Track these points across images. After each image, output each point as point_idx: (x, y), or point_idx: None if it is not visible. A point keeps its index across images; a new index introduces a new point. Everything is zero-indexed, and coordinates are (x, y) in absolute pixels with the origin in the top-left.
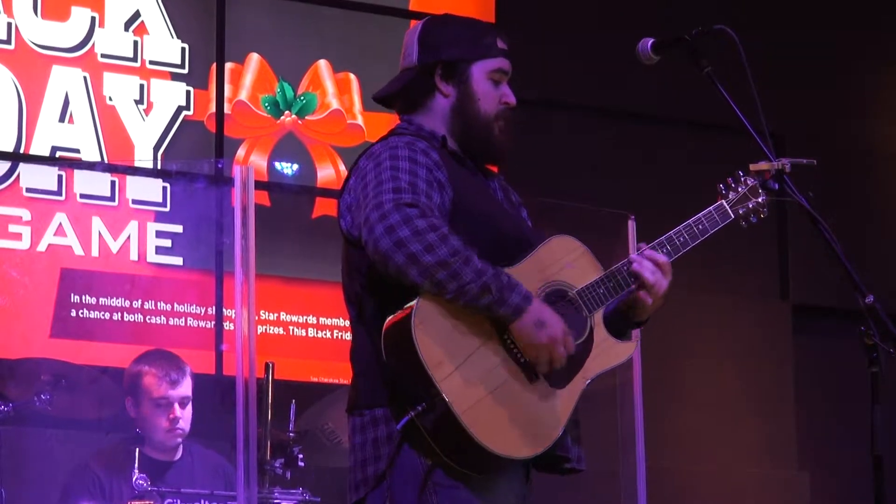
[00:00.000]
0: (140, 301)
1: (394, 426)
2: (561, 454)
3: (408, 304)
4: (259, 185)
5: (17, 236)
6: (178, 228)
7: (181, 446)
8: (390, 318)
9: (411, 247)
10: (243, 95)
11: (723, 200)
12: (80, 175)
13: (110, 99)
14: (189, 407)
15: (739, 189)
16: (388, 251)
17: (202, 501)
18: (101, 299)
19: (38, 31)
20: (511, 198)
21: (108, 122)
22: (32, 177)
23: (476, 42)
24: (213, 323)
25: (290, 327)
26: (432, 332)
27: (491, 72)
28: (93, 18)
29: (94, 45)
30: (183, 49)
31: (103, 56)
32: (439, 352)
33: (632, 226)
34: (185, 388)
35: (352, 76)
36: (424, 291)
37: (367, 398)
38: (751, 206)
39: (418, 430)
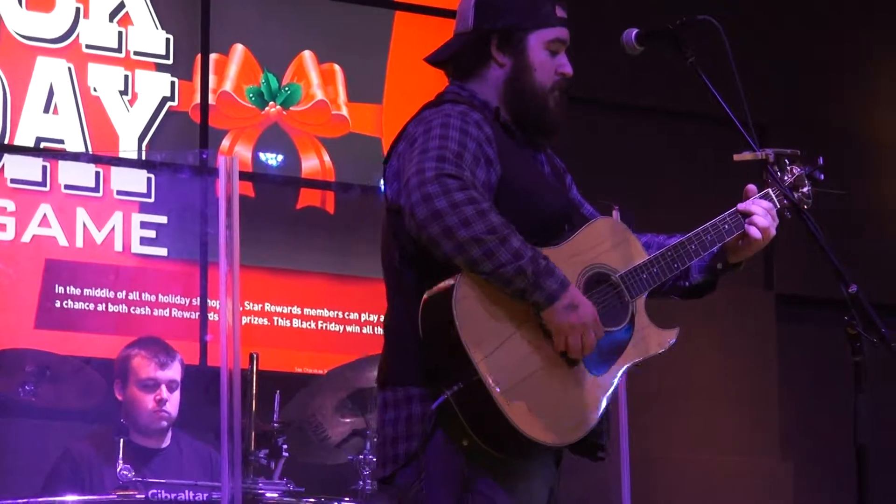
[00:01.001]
0: (125, 292)
1: (428, 405)
2: (598, 441)
3: (449, 279)
4: (244, 176)
5: (2, 227)
6: (163, 219)
7: (170, 434)
8: (429, 291)
9: (447, 219)
10: (228, 86)
11: (769, 189)
12: (64, 166)
13: (95, 90)
14: (177, 393)
15: (786, 178)
16: (424, 221)
17: (187, 492)
18: (85, 290)
19: (23, 22)
20: (556, 164)
21: (92, 112)
22: (17, 167)
23: (534, 10)
24: (197, 313)
25: (275, 318)
26: (473, 310)
27: (549, 42)
28: (77, 9)
29: (78, 35)
30: (167, 40)
31: (88, 47)
32: (479, 331)
33: (616, 216)
34: (174, 372)
35: (336, 67)
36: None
37: (402, 374)
38: (796, 196)
39: (452, 410)
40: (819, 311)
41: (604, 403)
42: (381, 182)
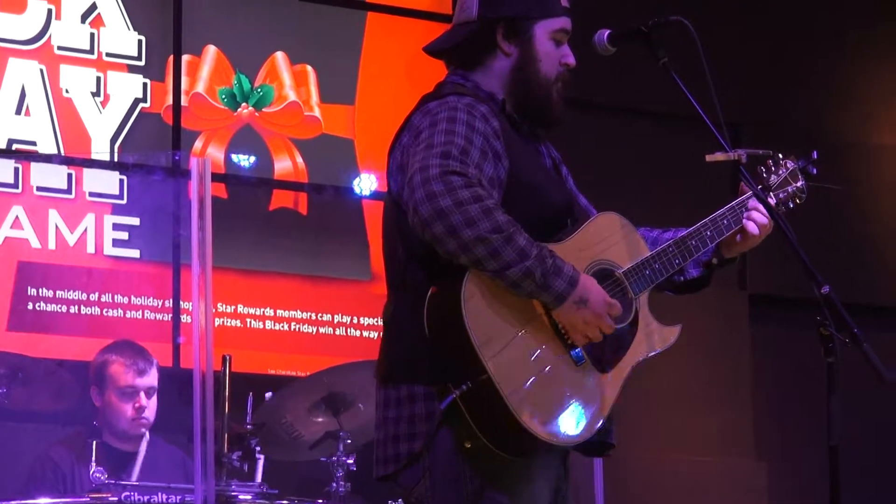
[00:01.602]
0: (97, 294)
1: (432, 405)
2: (607, 441)
3: (457, 276)
4: (216, 178)
5: None
6: (135, 221)
7: (145, 439)
8: (436, 288)
9: (452, 218)
10: (200, 88)
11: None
12: (36, 168)
13: (67, 91)
14: (154, 398)
15: (780, 172)
16: (428, 219)
17: (160, 494)
18: (58, 292)
19: None
20: (553, 155)
21: (64, 114)
22: None
23: None
24: (170, 315)
25: (248, 320)
26: (481, 309)
27: (554, 31)
28: (49, 11)
29: (50, 37)
30: (140, 41)
31: (60, 48)
32: (487, 329)
33: None
34: (152, 378)
35: (309, 68)
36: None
37: (405, 372)
38: (790, 190)
39: (458, 409)
40: (792, 312)
41: (612, 401)
42: (357, 184)
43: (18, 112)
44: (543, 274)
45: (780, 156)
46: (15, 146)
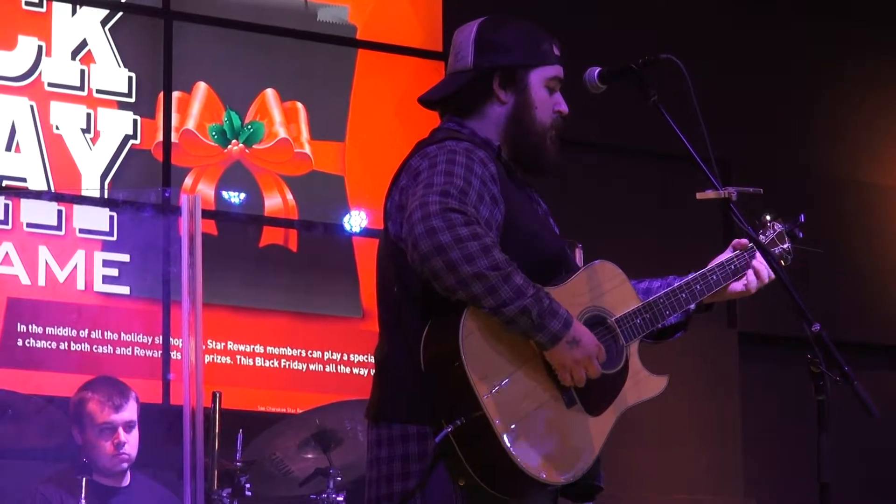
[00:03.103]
0: (87, 330)
1: (425, 444)
2: (596, 483)
3: (456, 312)
4: (206, 214)
5: None
6: (125, 257)
7: (129, 474)
8: (434, 323)
9: (451, 253)
10: (190, 124)
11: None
12: (26, 204)
13: (57, 128)
14: (135, 432)
15: (768, 234)
16: (427, 254)
17: None
18: (47, 328)
19: None
20: (542, 205)
21: (54, 150)
22: None
23: (534, 48)
24: (160, 352)
25: (238, 356)
26: (479, 345)
27: (548, 80)
28: (40, 47)
29: (40, 73)
30: (130, 78)
31: (50, 85)
32: (484, 366)
33: (579, 254)
34: (129, 412)
35: (299, 105)
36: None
37: (399, 411)
38: (777, 252)
39: (451, 446)
40: (782, 350)
41: (601, 443)
42: (347, 221)
43: (9, 148)
44: (539, 314)
45: (769, 217)
46: (5, 182)
